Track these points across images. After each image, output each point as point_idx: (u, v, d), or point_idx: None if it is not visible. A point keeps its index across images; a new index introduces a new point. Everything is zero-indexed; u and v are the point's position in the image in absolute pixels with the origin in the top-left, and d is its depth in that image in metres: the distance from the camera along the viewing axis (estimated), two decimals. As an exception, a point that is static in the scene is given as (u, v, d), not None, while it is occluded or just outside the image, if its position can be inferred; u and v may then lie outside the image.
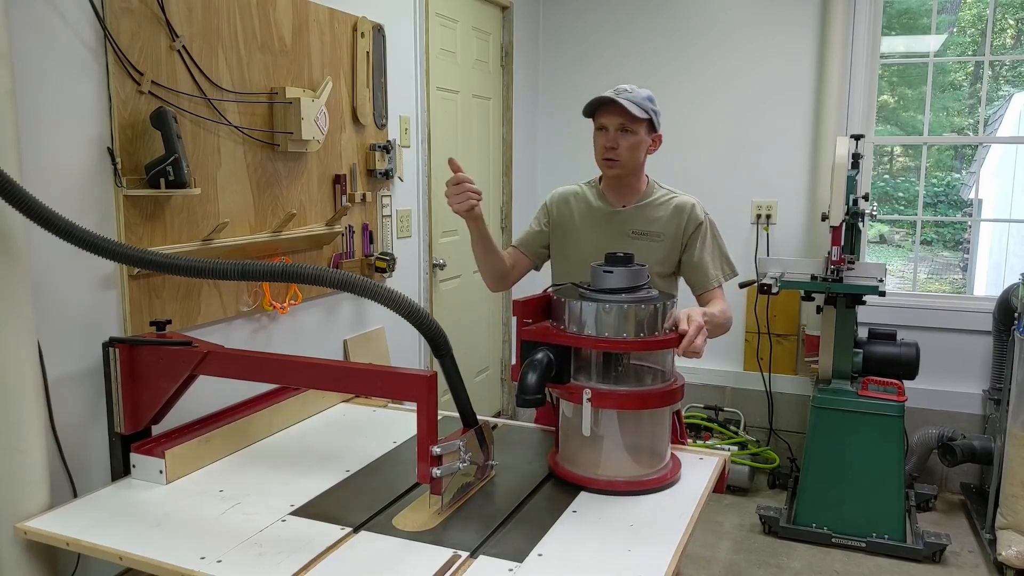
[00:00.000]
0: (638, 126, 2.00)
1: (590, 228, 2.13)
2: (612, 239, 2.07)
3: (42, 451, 1.67)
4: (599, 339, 1.63)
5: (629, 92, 2.00)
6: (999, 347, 3.68)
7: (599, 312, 1.63)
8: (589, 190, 2.19)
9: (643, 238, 2.08)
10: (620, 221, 2.11)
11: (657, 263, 2.06)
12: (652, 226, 2.09)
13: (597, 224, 2.13)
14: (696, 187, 4.24)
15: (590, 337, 1.64)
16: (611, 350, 1.67)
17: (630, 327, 1.63)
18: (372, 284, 1.58)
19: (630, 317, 1.62)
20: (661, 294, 1.72)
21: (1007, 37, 7.56)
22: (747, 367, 4.26)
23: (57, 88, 1.79)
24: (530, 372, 1.59)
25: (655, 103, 2.04)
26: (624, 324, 1.62)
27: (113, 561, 1.47)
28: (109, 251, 1.61)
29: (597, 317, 1.63)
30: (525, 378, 1.59)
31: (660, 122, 2.06)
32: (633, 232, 2.09)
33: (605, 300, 1.64)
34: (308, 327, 2.68)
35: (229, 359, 1.79)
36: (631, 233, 2.09)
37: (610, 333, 1.63)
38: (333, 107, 2.67)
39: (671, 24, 4.25)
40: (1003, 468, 3.20)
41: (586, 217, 2.15)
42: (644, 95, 2.01)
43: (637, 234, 2.09)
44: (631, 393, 1.69)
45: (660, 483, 1.70)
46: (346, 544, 1.48)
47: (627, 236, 2.09)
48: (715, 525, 3.59)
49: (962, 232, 9.62)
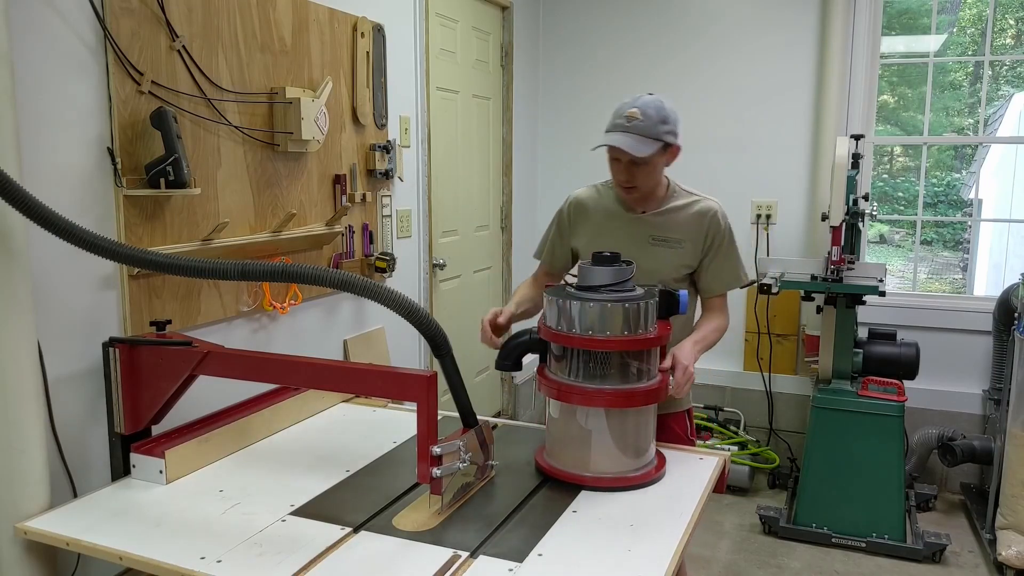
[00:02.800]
0: (648, 157, 1.90)
1: (610, 233, 2.06)
2: (632, 245, 2.01)
3: (42, 451, 1.67)
4: (573, 336, 1.69)
5: (640, 120, 1.87)
6: (999, 347, 3.68)
7: (583, 309, 1.67)
8: (607, 192, 2.12)
9: (663, 244, 2.02)
10: (640, 227, 2.04)
11: (675, 269, 2.03)
12: (673, 232, 2.03)
13: (617, 229, 2.06)
14: (695, 187, 4.26)
15: (561, 332, 1.71)
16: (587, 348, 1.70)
17: (614, 325, 1.66)
18: (372, 284, 1.58)
19: (615, 314, 1.65)
20: (646, 291, 1.74)
21: (1007, 37, 7.56)
22: (747, 367, 4.26)
23: (57, 88, 1.79)
24: (511, 342, 1.84)
25: (668, 112, 1.90)
26: (608, 321, 1.65)
27: (113, 561, 1.47)
28: (109, 251, 1.61)
29: (581, 314, 1.67)
30: (506, 345, 1.85)
31: (679, 131, 1.94)
32: (653, 239, 2.03)
33: (588, 299, 1.67)
34: (308, 327, 2.68)
35: (229, 359, 1.79)
36: (651, 240, 2.03)
37: (594, 331, 1.66)
38: (333, 107, 2.67)
39: (671, 24, 4.25)
40: (1003, 468, 3.20)
41: (605, 221, 2.08)
42: (655, 116, 1.88)
43: (657, 240, 2.03)
44: (616, 392, 1.70)
45: (645, 479, 1.72)
46: (346, 544, 1.48)
47: (647, 242, 2.02)
48: (715, 525, 3.58)
49: (962, 232, 9.63)
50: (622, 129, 1.89)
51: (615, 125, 1.91)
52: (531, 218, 4.45)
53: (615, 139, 1.89)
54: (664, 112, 1.90)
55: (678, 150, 1.98)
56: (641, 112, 1.88)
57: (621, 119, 1.90)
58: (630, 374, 1.73)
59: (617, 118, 1.91)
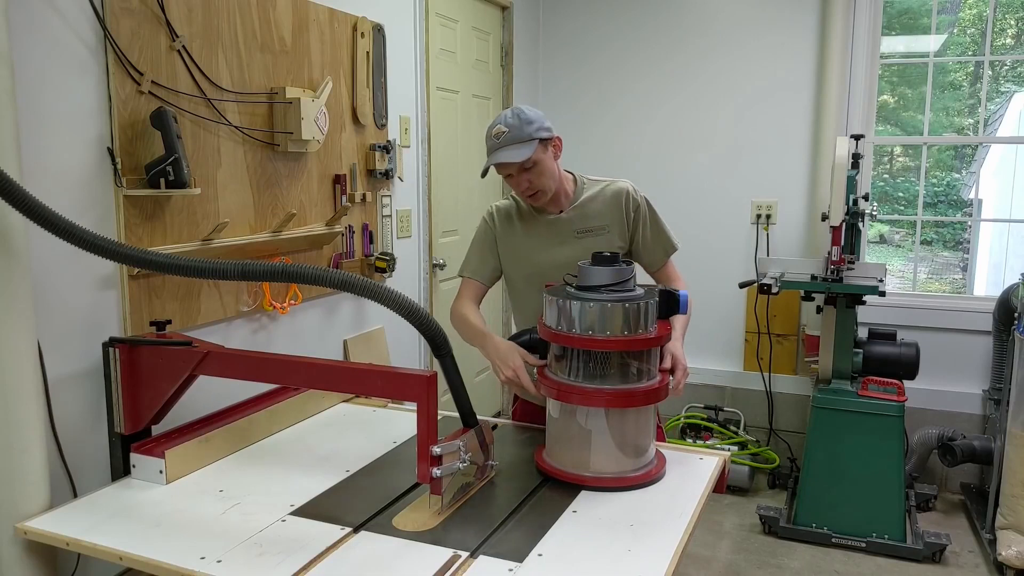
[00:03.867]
0: (532, 157, 1.94)
1: (536, 239, 2.10)
2: (559, 243, 2.06)
3: (42, 451, 1.67)
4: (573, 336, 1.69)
5: (507, 133, 1.93)
6: (999, 347, 3.68)
7: (583, 309, 1.67)
8: (523, 203, 2.13)
9: (588, 235, 2.07)
10: (561, 225, 2.09)
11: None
12: (594, 221, 2.08)
13: (541, 234, 2.09)
14: (696, 187, 4.27)
15: (561, 332, 1.71)
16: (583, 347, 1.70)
17: (614, 325, 1.66)
18: (372, 284, 1.58)
19: (615, 314, 1.66)
20: (646, 291, 1.75)
21: (1007, 37, 7.56)
22: (747, 367, 4.26)
23: (57, 88, 1.79)
24: (512, 341, 1.88)
25: (529, 114, 1.95)
26: (609, 321, 1.66)
27: (113, 561, 1.47)
28: (109, 251, 1.61)
29: (581, 314, 1.67)
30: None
31: (548, 124, 1.98)
32: (577, 232, 2.07)
33: (588, 299, 1.67)
34: (308, 327, 2.68)
35: (229, 359, 1.79)
36: (575, 233, 2.07)
37: (594, 331, 1.66)
38: (333, 107, 2.67)
39: (671, 24, 4.25)
40: (1003, 468, 3.20)
41: (529, 229, 2.11)
42: (519, 122, 1.93)
43: (581, 233, 2.07)
44: (616, 392, 1.70)
45: (645, 479, 1.72)
46: (346, 544, 1.48)
47: (573, 237, 2.07)
48: (715, 525, 3.58)
49: (962, 232, 9.62)
50: (495, 147, 1.95)
51: (490, 147, 1.97)
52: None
53: (495, 157, 1.96)
54: (526, 115, 1.96)
55: (559, 140, 2.04)
56: (505, 125, 1.95)
57: (492, 140, 1.96)
58: (630, 374, 1.73)
59: (489, 140, 1.97)
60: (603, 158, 4.39)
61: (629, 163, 4.29)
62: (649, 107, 4.34)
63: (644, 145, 4.34)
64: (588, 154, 4.46)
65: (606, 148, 4.44)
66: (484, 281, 2.16)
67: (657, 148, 4.30)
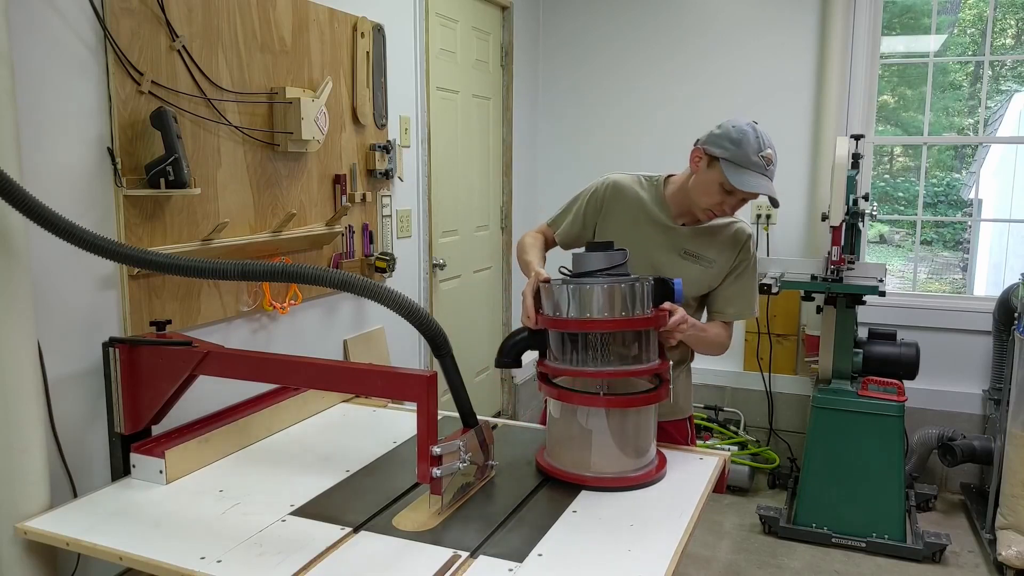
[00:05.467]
0: None
1: (642, 233, 1.98)
2: (662, 254, 1.98)
3: (42, 451, 1.67)
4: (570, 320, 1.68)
5: (774, 164, 1.85)
6: (999, 347, 3.68)
7: (579, 292, 1.66)
8: (650, 190, 2.03)
9: (694, 260, 1.97)
10: (675, 238, 1.98)
11: (699, 287, 1.99)
12: (707, 251, 1.98)
13: (650, 232, 1.99)
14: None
15: (559, 319, 1.70)
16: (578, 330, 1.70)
17: (611, 307, 1.65)
18: (372, 284, 1.58)
19: (612, 295, 1.65)
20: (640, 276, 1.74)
21: (1007, 37, 7.56)
22: (747, 367, 4.26)
23: (57, 88, 1.79)
24: (510, 339, 1.82)
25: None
26: (605, 303, 1.65)
27: (113, 561, 1.47)
28: (109, 251, 1.61)
29: (578, 298, 1.67)
30: (505, 343, 1.82)
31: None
32: (685, 252, 1.97)
33: (584, 283, 1.67)
34: (308, 327, 2.68)
35: (229, 359, 1.79)
36: (683, 253, 1.97)
37: (591, 315, 1.66)
38: (333, 107, 2.67)
39: (671, 24, 4.25)
40: (1003, 468, 3.20)
41: (639, 219, 2.00)
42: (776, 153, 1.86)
43: (688, 255, 1.97)
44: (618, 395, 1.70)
45: (645, 479, 1.72)
46: (346, 544, 1.48)
47: (678, 255, 1.97)
48: (715, 525, 3.58)
49: (962, 232, 9.62)
50: (767, 174, 1.84)
51: (755, 165, 1.82)
52: (531, 218, 4.44)
53: (764, 186, 1.84)
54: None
55: None
56: (774, 153, 1.85)
57: (759, 159, 1.83)
58: (629, 357, 1.73)
59: (755, 156, 1.83)
60: (603, 158, 4.39)
61: (629, 163, 4.25)
62: (649, 107, 4.33)
63: (644, 145, 4.34)
64: (588, 154, 4.47)
65: (606, 148, 4.44)
66: (559, 238, 2.10)
67: (657, 148, 4.29)
